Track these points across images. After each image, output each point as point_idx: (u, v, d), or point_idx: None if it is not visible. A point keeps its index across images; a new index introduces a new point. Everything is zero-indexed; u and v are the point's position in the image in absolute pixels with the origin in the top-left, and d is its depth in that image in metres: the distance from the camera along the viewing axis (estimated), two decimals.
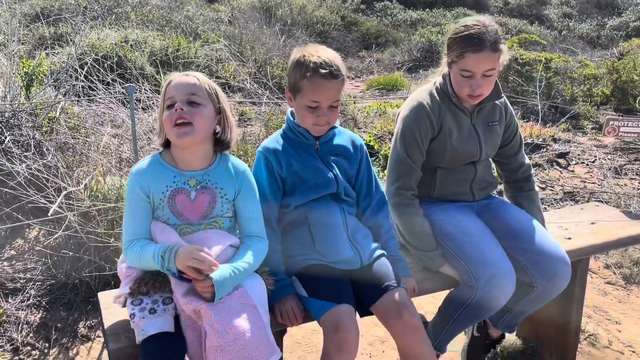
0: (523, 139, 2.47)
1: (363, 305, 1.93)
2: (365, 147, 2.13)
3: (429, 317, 2.38)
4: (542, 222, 2.37)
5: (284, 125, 2.06)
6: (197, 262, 1.61)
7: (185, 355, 1.67)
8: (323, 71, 1.85)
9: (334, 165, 2.01)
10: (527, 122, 6.97)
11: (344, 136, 2.09)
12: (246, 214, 1.84)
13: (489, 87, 2.15)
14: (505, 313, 2.32)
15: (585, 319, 3.00)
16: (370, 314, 1.94)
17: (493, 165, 2.52)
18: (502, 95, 2.29)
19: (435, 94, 2.23)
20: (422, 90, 2.28)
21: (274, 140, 2.02)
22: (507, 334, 2.58)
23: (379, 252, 2.02)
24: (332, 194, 2.00)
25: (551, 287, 2.14)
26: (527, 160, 2.46)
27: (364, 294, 1.92)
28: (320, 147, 2.01)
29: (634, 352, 2.84)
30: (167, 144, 1.81)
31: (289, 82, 1.98)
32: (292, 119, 2.02)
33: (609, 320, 3.12)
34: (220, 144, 1.82)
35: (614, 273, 3.62)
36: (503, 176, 2.51)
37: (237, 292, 1.67)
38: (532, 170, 2.47)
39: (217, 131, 1.79)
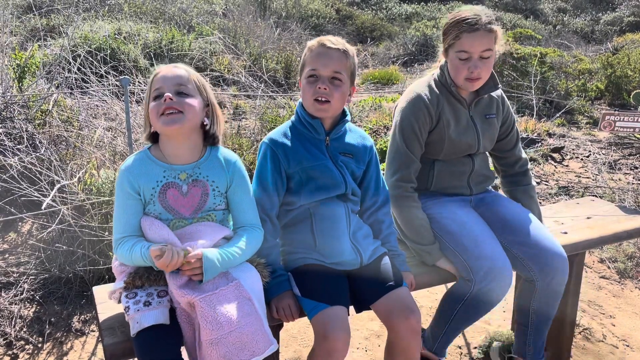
0: (520, 134, 2.46)
1: (362, 302, 1.91)
2: (374, 148, 2.09)
3: (424, 312, 2.34)
4: (539, 216, 2.38)
5: (292, 117, 2.00)
6: (166, 260, 1.56)
7: (182, 348, 1.65)
8: (323, 40, 1.88)
9: (342, 165, 1.96)
10: (522, 116, 6.97)
11: (354, 135, 2.04)
12: (239, 205, 1.82)
13: (486, 71, 2.14)
14: (525, 332, 2.29)
15: (580, 313, 3.01)
16: (368, 309, 1.92)
17: (490, 160, 2.52)
18: (499, 86, 2.29)
19: (434, 86, 2.23)
20: (420, 82, 2.28)
21: (282, 133, 1.95)
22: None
23: (379, 250, 2.01)
24: (338, 194, 1.96)
25: (550, 281, 2.14)
26: (524, 155, 2.46)
27: (364, 291, 1.90)
28: (330, 144, 1.96)
29: (628, 346, 2.86)
30: (154, 139, 1.79)
31: (299, 68, 1.97)
32: (302, 110, 1.95)
33: (604, 314, 3.13)
34: (209, 137, 1.80)
35: (609, 267, 3.63)
36: (500, 171, 2.51)
37: (231, 285, 1.65)
38: (529, 165, 2.48)
39: (205, 124, 1.78)
